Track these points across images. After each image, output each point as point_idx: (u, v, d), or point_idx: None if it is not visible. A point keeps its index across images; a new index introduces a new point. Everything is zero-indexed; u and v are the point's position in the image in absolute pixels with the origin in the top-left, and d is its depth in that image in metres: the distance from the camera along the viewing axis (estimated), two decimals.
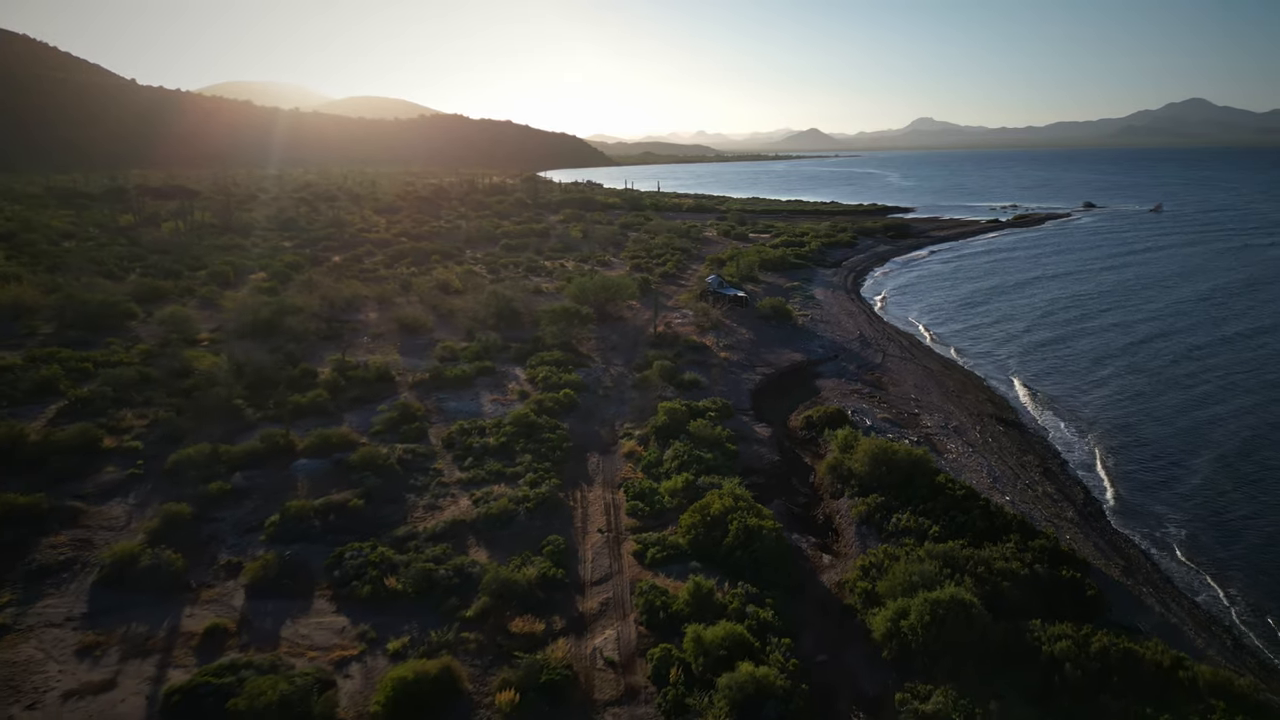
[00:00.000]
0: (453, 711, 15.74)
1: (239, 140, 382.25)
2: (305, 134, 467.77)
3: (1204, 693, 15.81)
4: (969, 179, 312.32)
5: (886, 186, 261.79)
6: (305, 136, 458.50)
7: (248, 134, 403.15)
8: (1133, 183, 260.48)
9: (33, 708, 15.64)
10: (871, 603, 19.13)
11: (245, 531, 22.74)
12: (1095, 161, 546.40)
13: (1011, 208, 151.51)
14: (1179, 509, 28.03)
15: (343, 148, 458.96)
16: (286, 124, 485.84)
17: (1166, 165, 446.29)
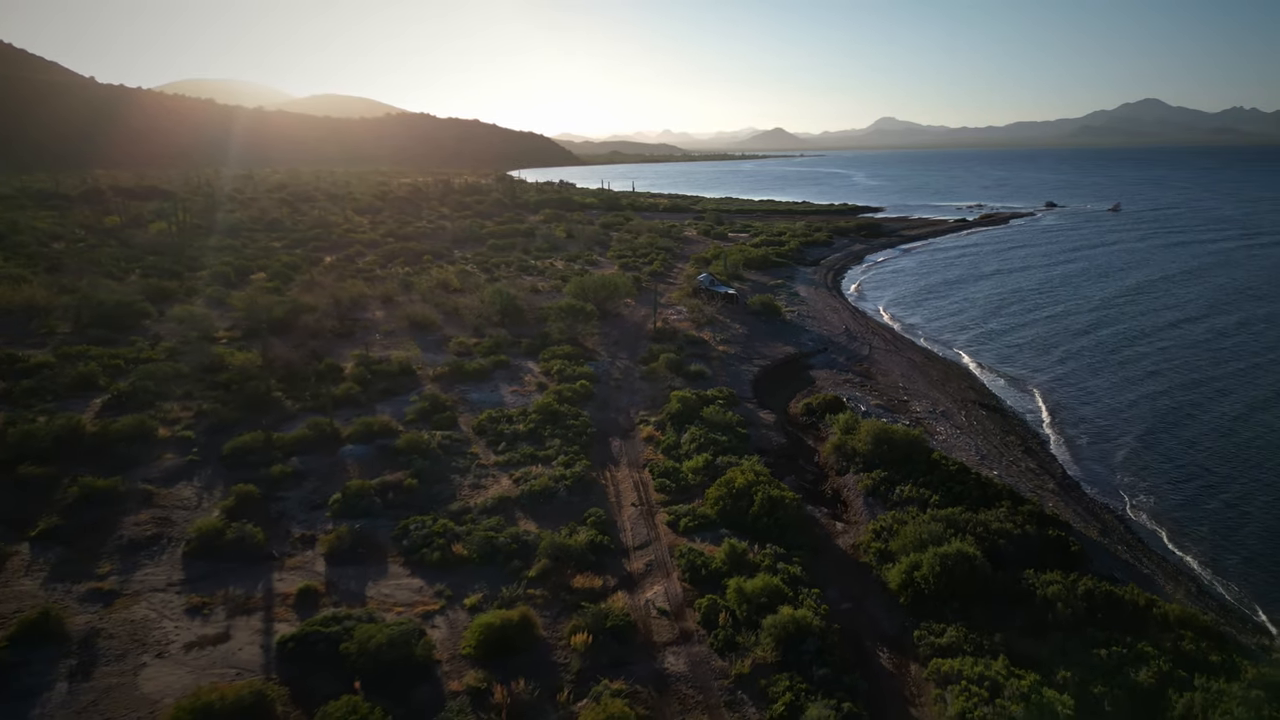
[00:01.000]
0: (533, 652, 18.05)
1: (201, 139, 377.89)
2: (270, 133, 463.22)
3: (1174, 625, 18.63)
4: (933, 178, 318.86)
5: (854, 186, 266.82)
6: (270, 135, 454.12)
7: (211, 132, 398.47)
8: (1091, 183, 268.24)
9: (160, 656, 17.72)
10: (885, 560, 21.78)
11: (311, 509, 24.86)
12: (1054, 161, 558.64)
13: (977, 207, 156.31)
14: (1145, 479, 31.26)
15: (309, 147, 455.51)
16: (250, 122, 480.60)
17: (1122, 165, 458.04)
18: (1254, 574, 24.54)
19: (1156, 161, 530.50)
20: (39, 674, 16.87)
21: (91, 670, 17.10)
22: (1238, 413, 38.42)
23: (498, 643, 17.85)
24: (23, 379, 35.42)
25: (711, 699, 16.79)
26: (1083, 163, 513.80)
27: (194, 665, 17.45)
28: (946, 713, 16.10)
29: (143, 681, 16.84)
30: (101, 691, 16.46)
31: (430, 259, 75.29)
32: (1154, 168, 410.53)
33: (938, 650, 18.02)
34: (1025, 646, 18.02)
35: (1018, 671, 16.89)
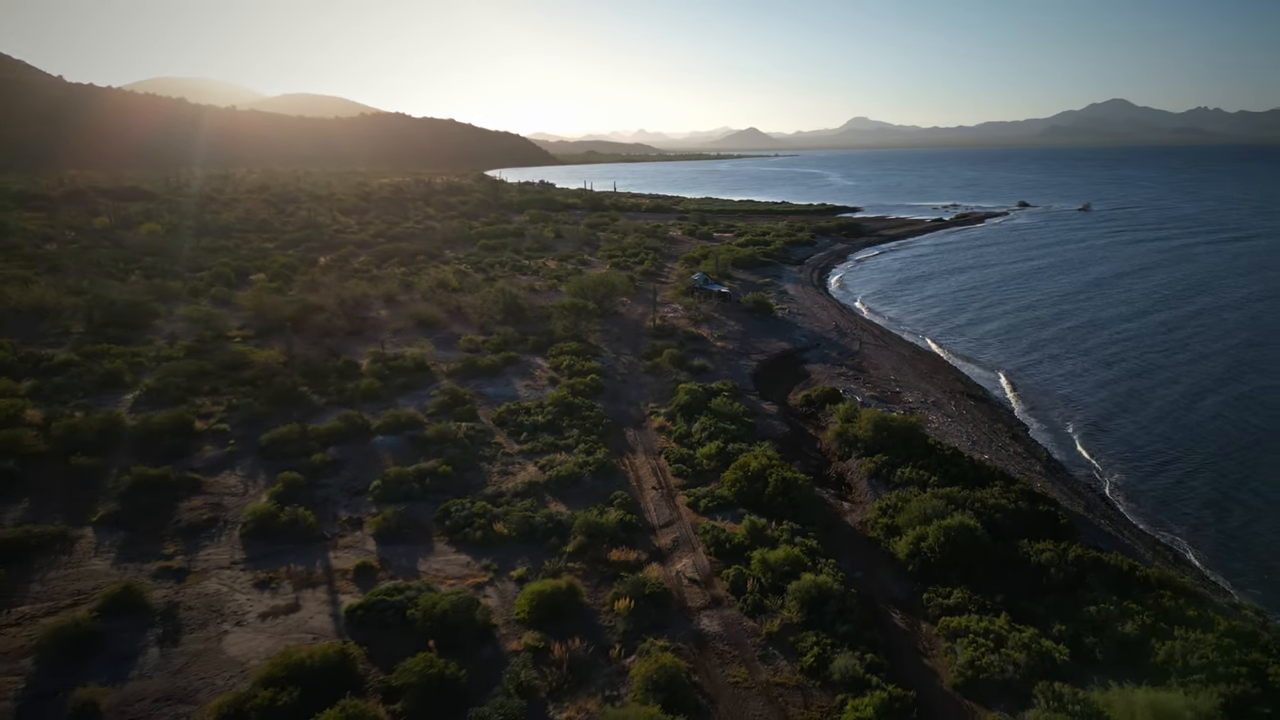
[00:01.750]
0: (580, 617, 19.83)
1: (173, 138, 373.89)
2: (242, 132, 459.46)
3: (1154, 586, 20.77)
4: (906, 178, 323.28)
5: (830, 186, 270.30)
6: (242, 134, 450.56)
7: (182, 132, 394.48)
8: (1060, 182, 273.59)
9: (239, 624, 19.31)
10: (892, 534, 23.80)
11: (353, 494, 26.46)
12: (1024, 161, 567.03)
13: (952, 207, 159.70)
14: (1121, 460, 33.68)
15: (282, 146, 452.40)
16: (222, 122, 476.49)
17: (1090, 165, 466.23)
18: (1221, 541, 26.89)
19: (1123, 161, 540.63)
20: (130, 641, 18.42)
21: (178, 637, 18.66)
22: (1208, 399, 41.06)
23: (548, 608, 19.63)
24: (53, 376, 36.63)
25: (746, 654, 18.67)
26: (1051, 163, 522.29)
27: (271, 631, 19.06)
28: (957, 661, 18.10)
29: (227, 646, 18.44)
30: (192, 655, 18.03)
31: (424, 259, 76.59)
32: (1121, 167, 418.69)
33: (945, 610, 20.03)
34: (1024, 605, 20.08)
35: (1018, 626, 18.94)
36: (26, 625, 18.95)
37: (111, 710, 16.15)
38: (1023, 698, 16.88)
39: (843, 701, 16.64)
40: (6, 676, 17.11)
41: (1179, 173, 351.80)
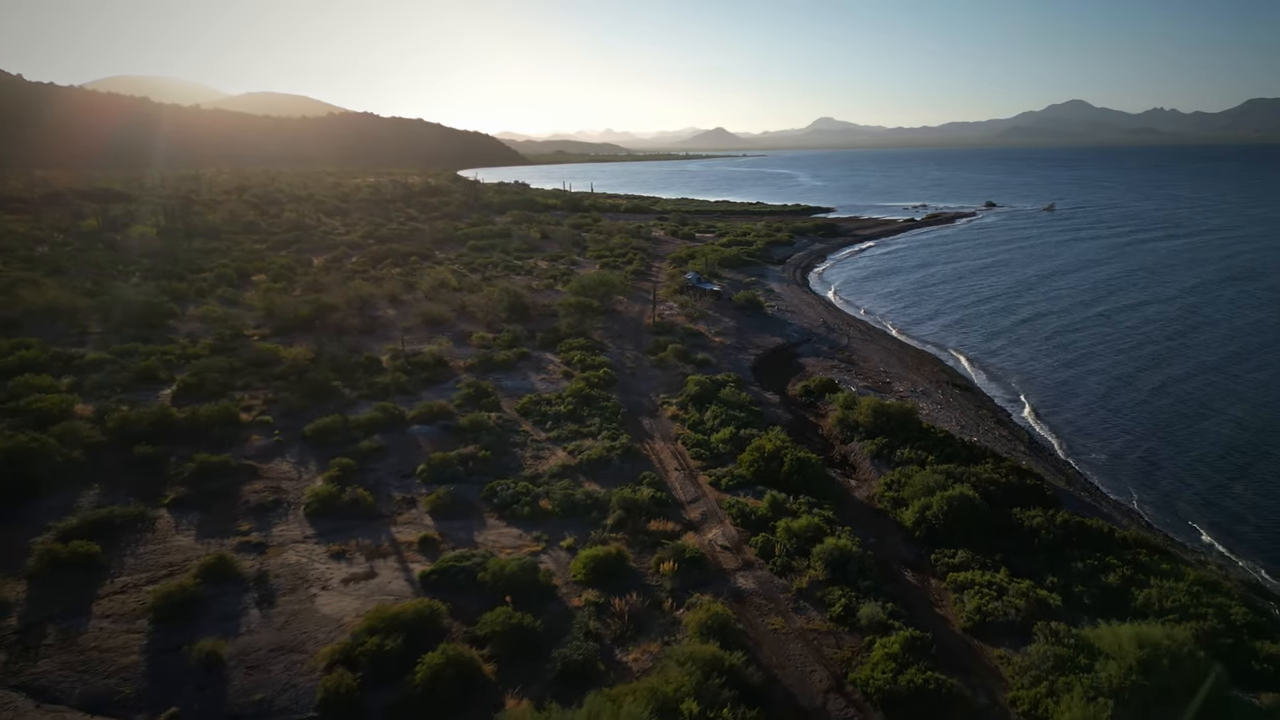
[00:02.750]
0: (629, 578, 22.22)
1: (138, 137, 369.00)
2: (209, 131, 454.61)
3: (1131, 545, 23.67)
4: (873, 179, 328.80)
5: (800, 186, 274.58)
6: (209, 134, 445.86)
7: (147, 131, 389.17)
8: (1024, 183, 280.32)
9: (325, 589, 21.48)
10: (898, 505, 26.50)
11: (402, 477, 28.63)
12: (987, 161, 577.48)
13: (922, 207, 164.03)
14: (1095, 441, 36.80)
15: (249, 146, 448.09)
16: (188, 120, 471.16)
17: (1051, 166, 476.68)
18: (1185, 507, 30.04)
19: (1082, 161, 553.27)
20: (231, 603, 20.55)
21: (273, 600, 20.80)
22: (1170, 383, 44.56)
23: (602, 570, 22.04)
24: (89, 373, 38.29)
25: (781, 606, 21.23)
26: (1014, 163, 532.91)
27: (356, 594, 21.26)
28: (965, 609, 20.80)
29: (319, 606, 20.62)
30: (290, 614, 20.20)
31: (417, 260, 78.36)
32: (1080, 168, 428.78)
33: (951, 567, 22.75)
34: (1019, 563, 22.86)
35: (1016, 580, 21.68)
36: (131, 592, 20.99)
37: (232, 659, 18.31)
38: (1024, 636, 19.60)
39: (870, 642, 19.22)
40: (129, 634, 19.18)
41: (1136, 173, 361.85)
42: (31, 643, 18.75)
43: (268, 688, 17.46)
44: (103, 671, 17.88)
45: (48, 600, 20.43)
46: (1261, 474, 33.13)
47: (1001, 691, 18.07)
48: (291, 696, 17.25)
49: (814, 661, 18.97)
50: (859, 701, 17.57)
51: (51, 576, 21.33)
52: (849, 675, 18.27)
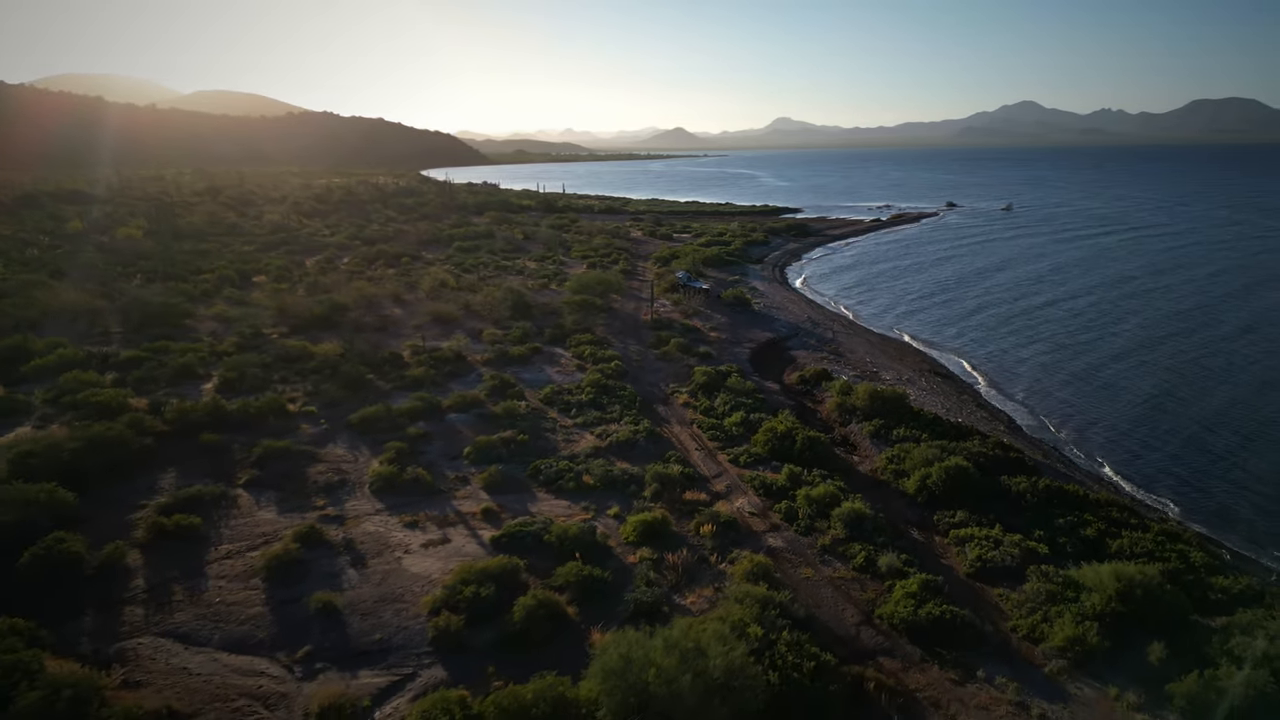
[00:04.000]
0: (674, 539, 25.23)
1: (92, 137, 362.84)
2: (167, 131, 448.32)
3: (1103, 505, 27.34)
4: (834, 179, 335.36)
5: (765, 187, 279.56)
6: (168, 134, 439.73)
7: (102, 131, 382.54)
8: (980, 183, 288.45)
9: (408, 552, 24.26)
10: (899, 476, 29.92)
11: (450, 458, 31.37)
12: (943, 161, 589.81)
13: (886, 207, 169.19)
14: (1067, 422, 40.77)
15: (208, 146, 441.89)
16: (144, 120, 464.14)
17: (1005, 166, 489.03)
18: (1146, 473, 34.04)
19: (1035, 161, 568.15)
20: (328, 564, 23.27)
21: (365, 562, 23.55)
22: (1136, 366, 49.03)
23: (650, 532, 25.08)
24: (128, 370, 40.38)
25: (809, 559, 24.48)
26: (969, 163, 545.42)
27: (437, 556, 24.07)
28: (967, 558, 24.25)
29: (407, 566, 23.42)
30: (383, 573, 22.98)
31: (408, 260, 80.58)
32: (1033, 167, 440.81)
33: (952, 525, 26.21)
34: (1009, 520, 26.37)
35: (1009, 534, 25.16)
36: (236, 558, 23.63)
37: (346, 608, 21.08)
38: (1018, 578, 23.08)
39: (890, 585, 22.54)
40: (246, 590, 21.86)
41: (1085, 172, 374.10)
42: (163, 599, 21.35)
43: (383, 630, 20.27)
44: (234, 620, 20.56)
45: (163, 565, 23.01)
46: (1203, 439, 38.02)
47: (1003, 621, 21.50)
48: (405, 636, 20.08)
49: (844, 601, 22.25)
50: (886, 631, 20.86)
51: (160, 545, 23.89)
52: (875, 611, 21.57)
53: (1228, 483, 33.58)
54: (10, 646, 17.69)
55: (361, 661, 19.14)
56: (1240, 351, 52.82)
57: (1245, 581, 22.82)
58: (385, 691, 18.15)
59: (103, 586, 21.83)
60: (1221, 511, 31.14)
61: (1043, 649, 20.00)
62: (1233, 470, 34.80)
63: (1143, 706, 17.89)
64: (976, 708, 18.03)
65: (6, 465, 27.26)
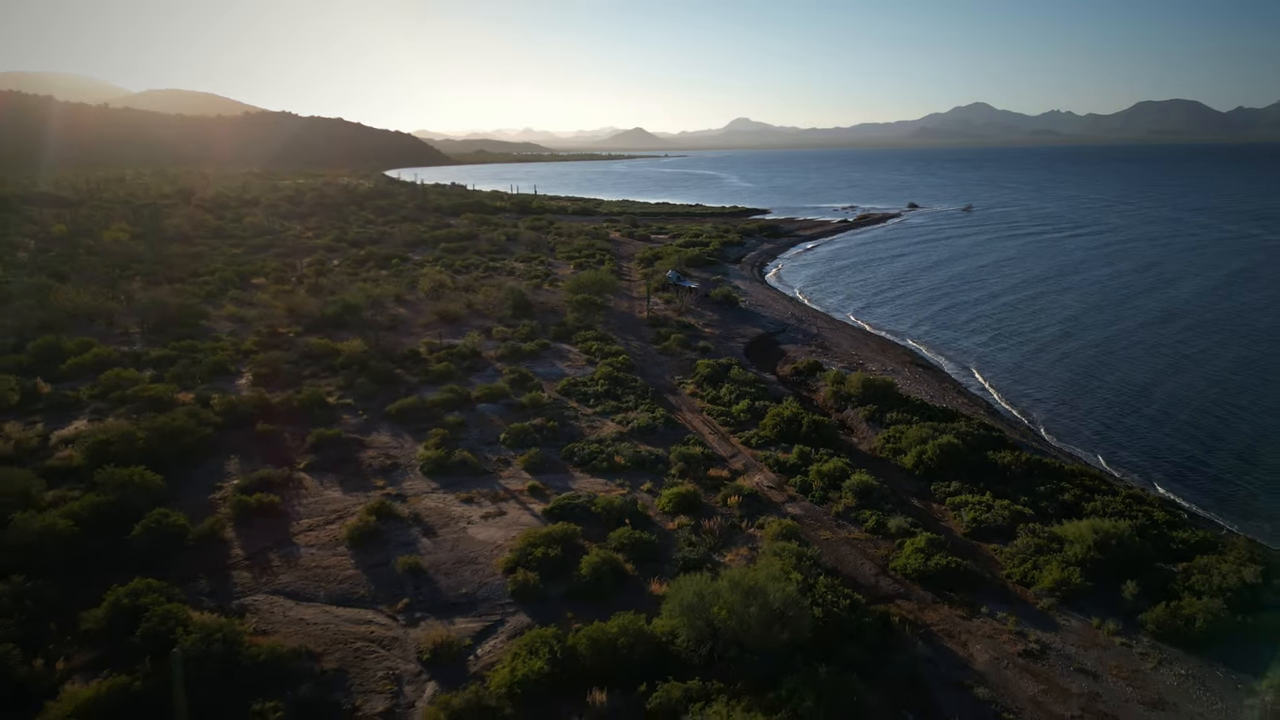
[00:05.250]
0: (705, 509, 28.32)
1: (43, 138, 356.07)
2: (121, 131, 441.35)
3: (1078, 475, 31.08)
4: (796, 180, 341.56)
5: (730, 188, 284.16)
6: (123, 134, 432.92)
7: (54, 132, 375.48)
8: (939, 183, 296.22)
9: (471, 524, 27.09)
10: (897, 453, 33.42)
11: (488, 444, 34.15)
12: (898, 162, 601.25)
13: (851, 209, 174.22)
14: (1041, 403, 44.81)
15: (165, 146, 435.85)
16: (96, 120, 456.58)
17: (959, 166, 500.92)
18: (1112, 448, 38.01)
19: (987, 162, 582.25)
20: (402, 534, 26.03)
21: (435, 533, 26.35)
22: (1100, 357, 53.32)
23: (684, 503, 28.17)
24: (167, 366, 42.52)
25: (826, 524, 27.80)
26: (924, 163, 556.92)
27: (497, 526, 26.93)
28: (963, 520, 27.76)
29: (473, 534, 26.26)
30: (453, 541, 25.82)
31: (398, 262, 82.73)
32: (987, 168, 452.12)
33: (948, 494, 29.75)
34: (997, 489, 29.96)
35: (998, 500, 28.73)
36: (318, 530, 26.30)
37: (430, 568, 23.90)
38: (1009, 536, 26.63)
39: (901, 543, 25.91)
40: (336, 557, 24.57)
41: (1037, 172, 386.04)
42: (264, 565, 24.00)
43: (466, 585, 23.15)
44: (334, 580, 23.29)
45: (255, 537, 25.61)
46: (1162, 418, 42.18)
47: (998, 570, 25.00)
48: (487, 591, 22.97)
49: (862, 557, 25.60)
50: (901, 580, 24.23)
51: (246, 520, 26.46)
52: (890, 564, 24.93)
53: (1183, 455, 37.78)
54: (154, 601, 20.31)
55: (454, 611, 22.00)
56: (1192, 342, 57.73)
57: (1201, 534, 26.64)
58: (481, 634, 21.03)
59: (207, 555, 24.41)
60: (1179, 479, 35.23)
61: (1034, 590, 23.52)
62: (1186, 443, 39.09)
63: (1120, 632, 21.45)
64: (983, 636, 21.45)
65: (86, 453, 29.62)
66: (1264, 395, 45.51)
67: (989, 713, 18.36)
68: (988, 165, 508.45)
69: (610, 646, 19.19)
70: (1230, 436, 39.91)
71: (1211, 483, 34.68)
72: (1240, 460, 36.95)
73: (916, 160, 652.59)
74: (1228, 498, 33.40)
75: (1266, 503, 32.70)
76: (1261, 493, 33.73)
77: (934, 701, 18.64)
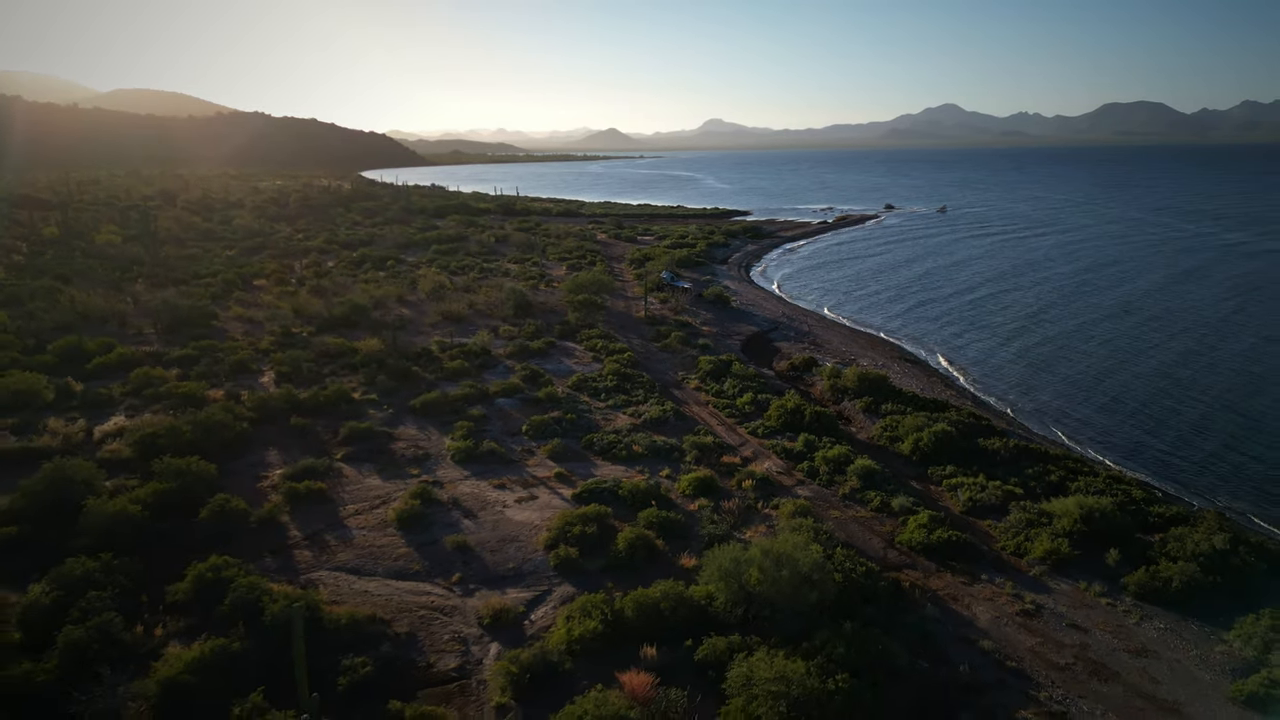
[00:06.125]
0: (722, 492, 30.58)
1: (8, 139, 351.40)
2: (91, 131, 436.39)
3: (1061, 458, 33.67)
4: (772, 181, 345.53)
5: (708, 189, 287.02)
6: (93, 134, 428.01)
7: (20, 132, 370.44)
8: (912, 185, 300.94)
9: (507, 507, 29.13)
10: (894, 441, 35.85)
11: (511, 435, 36.18)
12: (871, 163, 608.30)
13: (829, 210, 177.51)
14: (1023, 394, 47.54)
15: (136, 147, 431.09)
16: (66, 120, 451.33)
17: (930, 167, 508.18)
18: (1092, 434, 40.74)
19: (957, 163, 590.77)
20: (444, 517, 28.01)
21: (475, 515, 28.37)
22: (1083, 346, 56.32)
23: (701, 487, 30.39)
24: (191, 365, 44.08)
25: (834, 504, 30.14)
26: (896, 164, 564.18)
27: (532, 508, 29.00)
28: (959, 499, 30.23)
29: (511, 516, 28.31)
30: (493, 522, 27.86)
31: (394, 264, 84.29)
32: (959, 169, 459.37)
33: (944, 476, 32.21)
34: (989, 471, 32.45)
35: (991, 481, 31.23)
36: (365, 514, 28.23)
37: (477, 546, 25.94)
38: (1002, 512, 29.12)
39: (904, 520, 28.30)
40: (387, 537, 26.53)
41: (1008, 174, 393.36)
42: (322, 545, 25.92)
43: (512, 561, 25.22)
44: (389, 558, 25.27)
45: (308, 520, 27.49)
46: (1138, 409, 45.39)
47: (994, 543, 27.47)
48: (532, 565, 25.06)
49: (869, 533, 27.97)
50: (906, 552, 26.60)
51: (298, 506, 28.32)
52: (896, 538, 27.31)
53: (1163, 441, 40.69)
54: (235, 574, 22.22)
55: (504, 583, 24.07)
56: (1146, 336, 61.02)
57: (1175, 509, 29.30)
58: (532, 602, 23.13)
59: (267, 536, 26.28)
60: (1154, 462, 38.08)
61: (1027, 559, 26.01)
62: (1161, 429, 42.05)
63: (1105, 594, 23.96)
64: (984, 599, 23.87)
65: (135, 446, 31.33)
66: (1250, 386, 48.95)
67: (993, 661, 20.75)
68: (959, 166, 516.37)
69: (654, 609, 21.37)
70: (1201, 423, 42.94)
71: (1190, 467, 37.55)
72: (1224, 445, 40.10)
73: (889, 161, 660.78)
74: (1198, 479, 36.26)
75: (1239, 484, 35.70)
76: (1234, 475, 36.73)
77: (945, 653, 21.01)
